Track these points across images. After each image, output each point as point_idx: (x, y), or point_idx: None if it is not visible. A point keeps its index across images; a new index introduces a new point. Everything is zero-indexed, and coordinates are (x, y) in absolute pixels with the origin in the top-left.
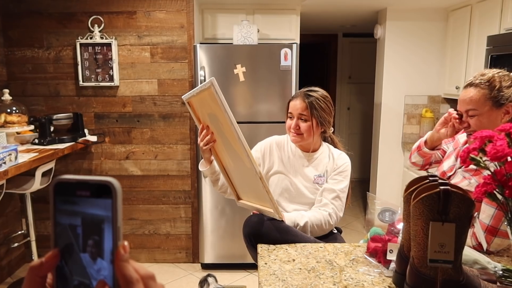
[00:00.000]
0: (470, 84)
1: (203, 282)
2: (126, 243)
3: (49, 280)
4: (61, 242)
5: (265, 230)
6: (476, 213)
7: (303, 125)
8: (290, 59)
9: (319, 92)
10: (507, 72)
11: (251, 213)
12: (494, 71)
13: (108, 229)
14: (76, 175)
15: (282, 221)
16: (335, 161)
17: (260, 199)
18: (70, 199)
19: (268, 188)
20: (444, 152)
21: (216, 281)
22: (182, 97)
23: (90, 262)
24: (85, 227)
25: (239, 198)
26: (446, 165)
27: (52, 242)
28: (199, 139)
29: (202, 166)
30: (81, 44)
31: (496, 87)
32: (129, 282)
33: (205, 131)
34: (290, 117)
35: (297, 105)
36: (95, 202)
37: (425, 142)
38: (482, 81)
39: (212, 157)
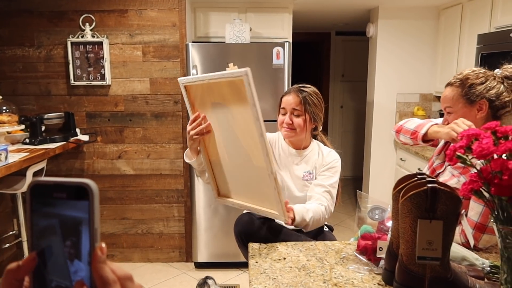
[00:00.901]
0: (448, 84)
1: (203, 284)
2: (103, 244)
3: (26, 283)
4: (39, 245)
5: (256, 229)
6: (464, 210)
7: (296, 120)
8: (282, 58)
9: (310, 88)
10: (485, 70)
11: (243, 212)
12: (471, 70)
13: (85, 230)
14: (53, 177)
15: (273, 220)
16: (325, 158)
17: (262, 200)
18: (47, 201)
19: (280, 190)
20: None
21: (215, 283)
22: (180, 80)
23: (67, 263)
24: (62, 229)
25: (220, 195)
26: (436, 161)
27: (29, 245)
28: (189, 127)
29: (187, 158)
30: (72, 43)
31: (468, 85)
32: (106, 283)
33: (199, 119)
34: (283, 113)
35: (290, 100)
36: (72, 204)
37: (424, 134)
38: (457, 80)
39: (199, 148)
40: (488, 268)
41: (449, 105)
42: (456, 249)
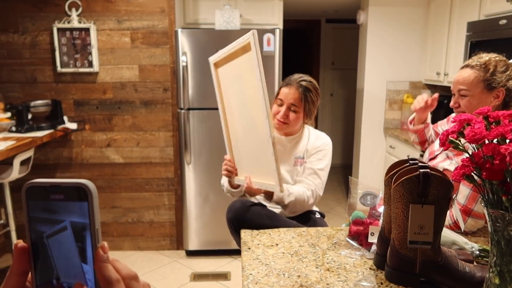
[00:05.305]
0: (467, 66)
1: None
2: (105, 244)
3: (29, 278)
4: (37, 248)
5: (248, 215)
6: (454, 195)
7: (292, 116)
8: (273, 45)
9: (311, 83)
10: (504, 58)
11: (235, 199)
12: (491, 55)
13: (88, 233)
14: (48, 179)
15: (265, 206)
16: (315, 141)
17: (262, 171)
18: (45, 206)
19: (277, 156)
20: (438, 134)
21: None
22: (209, 58)
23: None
24: (64, 233)
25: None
26: (436, 144)
27: (30, 252)
28: (225, 169)
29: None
30: (58, 29)
31: (490, 71)
32: (109, 283)
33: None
34: (279, 104)
35: (290, 94)
36: (71, 206)
37: (411, 121)
38: (478, 63)
39: (235, 180)
40: (477, 252)
41: (466, 88)
42: (446, 234)
